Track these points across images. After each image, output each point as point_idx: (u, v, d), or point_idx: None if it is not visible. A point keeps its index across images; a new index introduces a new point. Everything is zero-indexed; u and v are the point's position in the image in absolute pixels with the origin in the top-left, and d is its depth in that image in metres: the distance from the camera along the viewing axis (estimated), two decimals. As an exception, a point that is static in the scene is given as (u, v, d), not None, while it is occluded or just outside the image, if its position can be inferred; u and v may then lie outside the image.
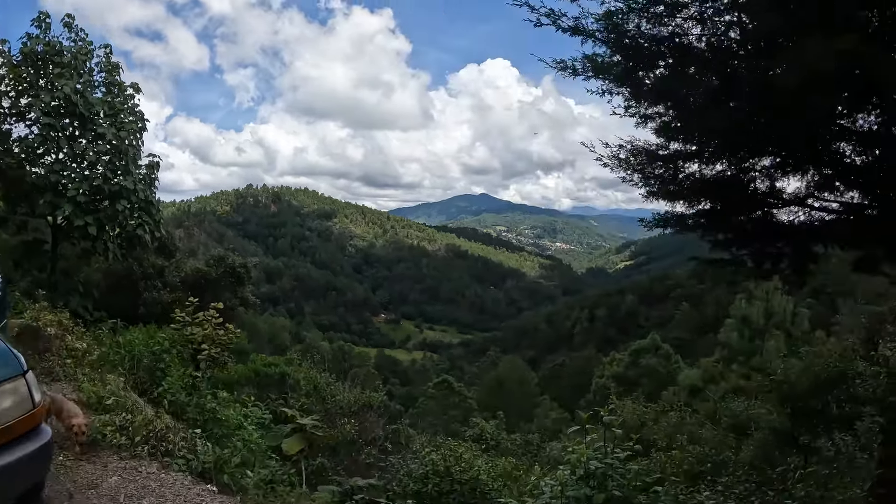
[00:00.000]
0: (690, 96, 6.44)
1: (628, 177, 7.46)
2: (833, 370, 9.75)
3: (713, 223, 7.67)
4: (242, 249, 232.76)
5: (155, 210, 20.87)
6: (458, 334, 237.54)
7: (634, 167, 7.31)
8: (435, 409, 49.00)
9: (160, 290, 19.66)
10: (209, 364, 8.74)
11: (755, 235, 7.57)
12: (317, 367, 14.38)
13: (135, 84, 21.49)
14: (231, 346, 9.75)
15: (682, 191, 7.25)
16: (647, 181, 7.39)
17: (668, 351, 47.31)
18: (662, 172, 7.22)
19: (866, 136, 6.12)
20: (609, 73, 6.61)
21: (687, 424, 12.40)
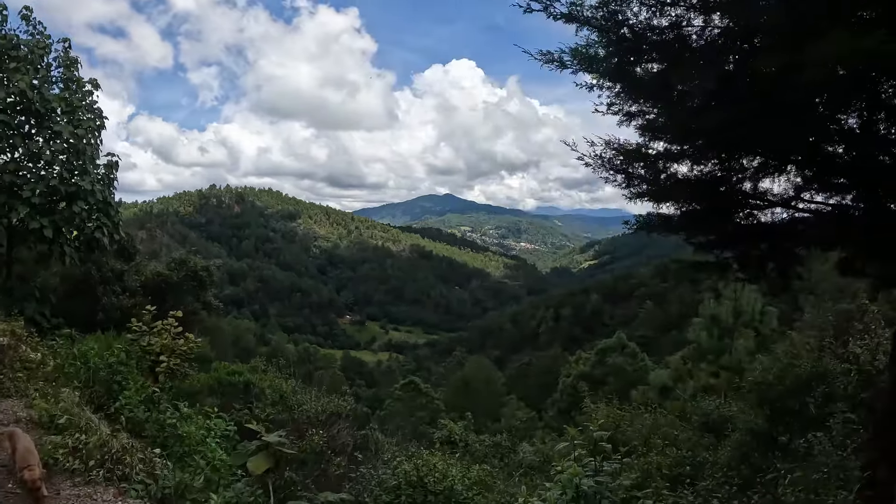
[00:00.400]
0: (686, 92, 6.18)
1: (611, 177, 7.22)
2: (811, 370, 9.66)
3: (698, 225, 7.47)
4: (206, 251, 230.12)
5: (114, 212, 20.13)
6: (423, 335, 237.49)
7: (618, 167, 7.05)
8: (402, 410, 48.74)
9: (119, 295, 18.94)
10: (168, 376, 8.32)
11: (740, 237, 7.38)
12: (282, 373, 13.99)
13: (93, 80, 20.73)
14: (191, 357, 9.32)
15: (667, 191, 7.01)
16: (630, 182, 7.14)
17: (635, 349, 47.55)
18: (646, 173, 6.97)
19: (855, 135, 5.94)
20: (600, 66, 6.33)
21: (662, 426, 12.25)
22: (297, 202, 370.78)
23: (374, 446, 12.74)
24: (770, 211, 7.12)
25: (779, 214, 7.08)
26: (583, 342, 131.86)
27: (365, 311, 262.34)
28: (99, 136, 20.58)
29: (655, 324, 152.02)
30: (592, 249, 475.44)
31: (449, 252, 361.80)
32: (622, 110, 6.78)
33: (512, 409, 60.46)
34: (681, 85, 6.19)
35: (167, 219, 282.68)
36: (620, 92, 6.60)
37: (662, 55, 6.13)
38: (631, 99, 6.63)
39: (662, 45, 6.05)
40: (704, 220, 7.43)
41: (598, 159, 7.08)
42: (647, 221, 7.77)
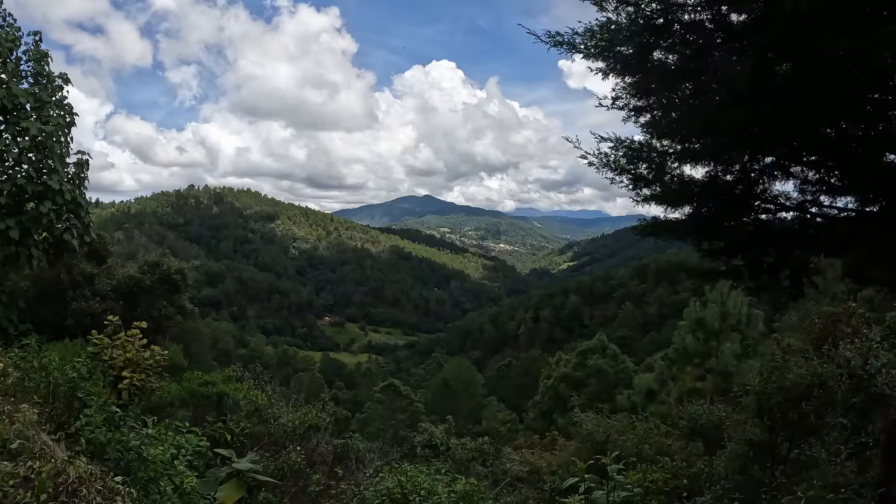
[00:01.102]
0: (717, 80, 5.71)
1: (616, 178, 6.77)
2: (813, 378, 9.33)
3: (709, 230, 7.05)
4: (184, 252, 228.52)
5: (84, 212, 19.39)
6: (403, 336, 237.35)
7: (624, 168, 6.61)
8: (382, 413, 48.43)
9: (89, 300, 18.21)
10: (133, 393, 7.75)
11: (753, 243, 6.97)
12: (258, 381, 13.42)
13: (63, 74, 19.95)
14: (158, 370, 8.70)
15: (677, 193, 6.59)
16: (637, 183, 6.70)
17: (616, 351, 47.41)
18: (653, 174, 6.52)
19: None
20: (617, 51, 5.85)
21: (655, 435, 11.88)
22: (276, 203, 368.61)
23: (354, 456, 12.25)
24: (783, 215, 6.73)
25: (791, 218, 6.71)
26: (562, 343, 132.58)
27: (344, 313, 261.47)
28: (69, 134, 19.86)
29: (634, 324, 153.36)
30: (571, 251, 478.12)
31: (428, 253, 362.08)
32: (629, 105, 6.34)
33: (492, 410, 60.31)
34: (711, 73, 5.72)
35: (145, 219, 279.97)
36: (635, 82, 6.13)
37: (693, 38, 5.66)
38: (646, 91, 6.16)
39: (694, 26, 5.57)
40: (715, 224, 7.02)
41: (604, 157, 6.63)
42: (654, 226, 7.34)
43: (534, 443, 30.56)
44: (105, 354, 8.17)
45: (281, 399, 13.14)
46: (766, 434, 9.55)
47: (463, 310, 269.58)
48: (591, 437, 11.47)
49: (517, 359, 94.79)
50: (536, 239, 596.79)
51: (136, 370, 8.09)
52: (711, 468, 10.13)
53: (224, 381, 10.75)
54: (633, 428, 12.32)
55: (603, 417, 13.51)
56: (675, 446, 11.59)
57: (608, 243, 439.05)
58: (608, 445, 11.04)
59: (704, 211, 6.78)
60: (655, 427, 12.43)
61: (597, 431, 11.54)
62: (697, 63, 5.68)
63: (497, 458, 18.93)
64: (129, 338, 8.49)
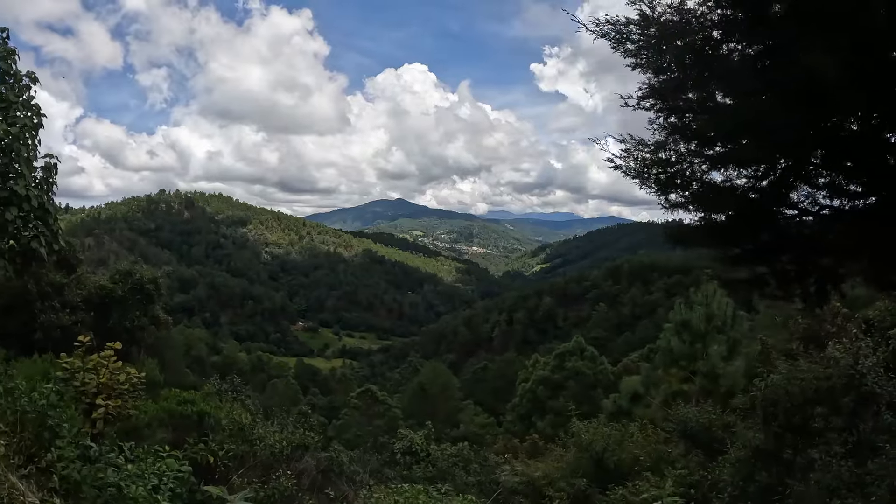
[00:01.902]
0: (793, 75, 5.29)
1: (645, 184, 6.41)
2: (821, 383, 9.10)
3: (737, 235, 6.71)
4: (155, 258, 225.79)
5: (52, 219, 18.63)
6: (377, 340, 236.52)
7: (650, 173, 6.24)
8: (359, 419, 47.91)
9: (59, 312, 17.38)
10: (108, 421, 7.15)
11: (782, 249, 6.65)
12: (237, 396, 12.86)
13: (31, 73, 19.14)
14: (134, 395, 8.04)
15: (706, 198, 6.24)
16: (665, 188, 6.34)
17: (594, 353, 47.24)
18: (682, 178, 6.16)
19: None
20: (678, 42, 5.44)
21: (654, 442, 11.59)
22: (248, 207, 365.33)
23: (338, 469, 11.77)
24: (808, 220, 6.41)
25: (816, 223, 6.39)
26: (536, 345, 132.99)
27: (318, 318, 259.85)
28: (37, 136, 19.06)
29: (608, 325, 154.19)
30: (544, 252, 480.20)
31: (401, 257, 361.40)
32: (656, 105, 5.95)
33: (469, 414, 60.03)
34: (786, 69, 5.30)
35: (116, 225, 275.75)
36: (679, 79, 5.73)
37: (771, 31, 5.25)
38: (693, 88, 5.78)
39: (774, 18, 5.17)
40: (745, 230, 6.68)
41: (630, 159, 6.27)
42: (678, 234, 6.99)
43: (515, 447, 30.30)
44: (76, 379, 7.50)
45: (263, 413, 12.56)
46: (773, 440, 9.34)
47: (437, 313, 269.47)
48: (590, 447, 11.11)
49: (493, 361, 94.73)
50: (509, 241, 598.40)
51: (110, 395, 7.45)
52: (715, 475, 9.90)
53: (204, 399, 10.18)
54: (632, 436, 12.03)
55: (601, 426, 13.18)
56: (674, 453, 11.30)
57: (581, 245, 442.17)
58: (606, 455, 10.75)
59: (734, 217, 6.45)
60: (654, 433, 12.13)
61: (596, 441, 11.19)
62: (771, 58, 5.30)
63: (484, 466, 18.56)
64: (103, 359, 7.82)
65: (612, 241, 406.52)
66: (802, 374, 9.36)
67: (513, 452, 26.62)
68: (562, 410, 43.17)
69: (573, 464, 11.65)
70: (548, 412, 42.99)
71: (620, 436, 11.76)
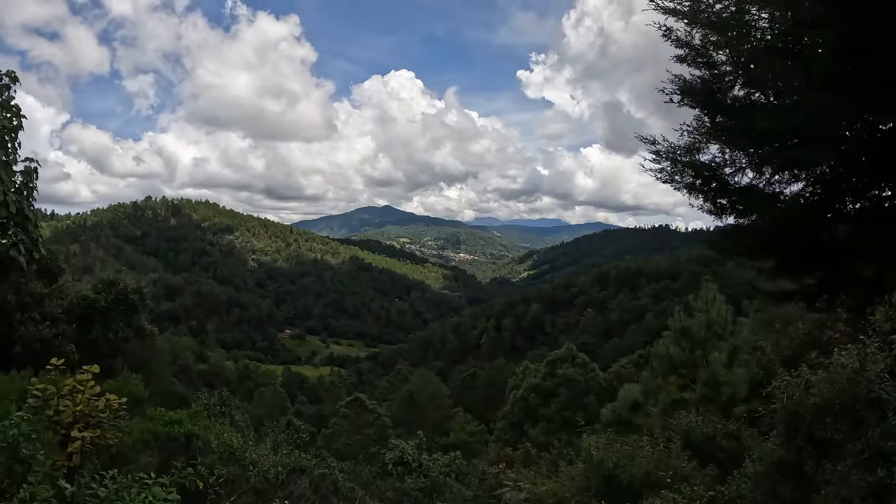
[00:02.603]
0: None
1: (695, 198, 6.11)
2: (845, 395, 8.74)
3: (782, 245, 6.39)
4: (141, 265, 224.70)
5: (32, 226, 17.91)
6: (364, 348, 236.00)
7: (700, 187, 5.95)
8: (348, 428, 47.42)
9: (39, 324, 16.59)
10: (86, 454, 6.48)
11: (829, 258, 6.33)
12: (225, 410, 12.27)
13: (11, 73, 18.44)
14: (114, 423, 7.32)
15: (758, 207, 5.92)
16: (716, 200, 6.02)
17: (585, 359, 46.91)
18: (725, 186, 5.85)
19: None
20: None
21: (667, 457, 11.16)
22: (235, 215, 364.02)
23: (337, 492, 11.26)
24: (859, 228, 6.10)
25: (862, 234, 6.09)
26: (525, 351, 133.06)
27: (305, 325, 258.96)
28: (17, 139, 18.33)
29: (596, 331, 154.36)
30: (531, 259, 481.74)
31: (388, 264, 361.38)
32: (699, 103, 5.66)
33: (459, 422, 59.52)
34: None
35: (101, 232, 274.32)
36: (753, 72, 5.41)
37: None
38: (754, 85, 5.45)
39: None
40: (789, 238, 6.36)
41: (671, 163, 5.96)
42: (724, 245, 6.74)
43: (509, 456, 29.90)
44: (49, 407, 6.77)
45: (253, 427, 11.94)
46: (795, 453, 9.00)
47: (424, 320, 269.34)
48: (601, 464, 10.67)
49: (481, 368, 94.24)
50: (496, 248, 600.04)
51: (88, 424, 6.75)
52: (733, 490, 9.54)
53: (192, 419, 9.57)
54: (642, 449, 11.60)
55: (610, 440, 12.75)
56: (688, 468, 10.88)
57: (568, 251, 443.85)
58: (617, 470, 10.35)
59: (778, 224, 6.15)
60: (665, 447, 11.72)
61: (608, 458, 10.76)
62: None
63: (482, 479, 18.10)
64: (80, 384, 7.07)
65: (599, 246, 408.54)
66: (825, 384, 9.02)
67: (507, 462, 26.24)
68: (554, 418, 43.27)
69: (582, 481, 11.20)
70: (540, 420, 42.69)
71: (632, 450, 11.33)
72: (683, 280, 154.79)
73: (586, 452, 11.55)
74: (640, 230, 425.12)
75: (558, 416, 42.50)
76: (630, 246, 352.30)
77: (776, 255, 6.65)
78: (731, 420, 14.46)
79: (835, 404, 8.70)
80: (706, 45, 5.65)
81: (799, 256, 6.60)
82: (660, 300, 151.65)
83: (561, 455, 22.38)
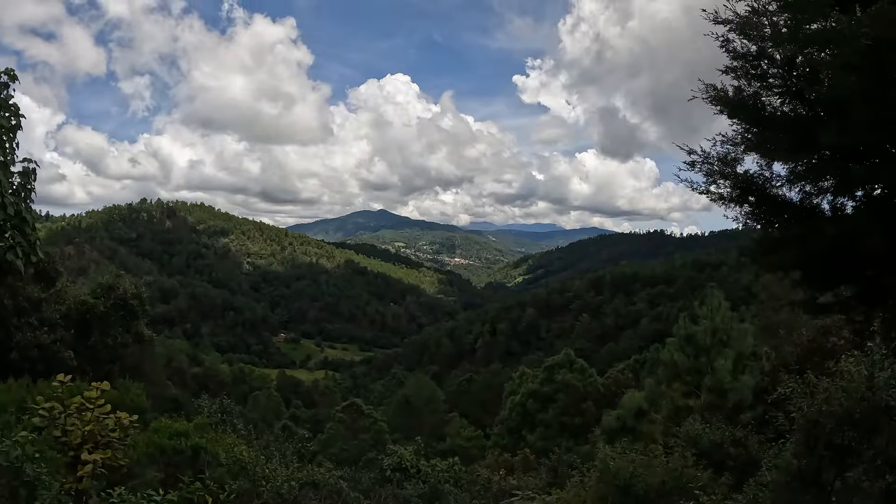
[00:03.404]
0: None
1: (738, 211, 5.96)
2: (864, 403, 8.58)
3: (823, 258, 6.21)
4: (136, 267, 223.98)
5: (30, 228, 17.65)
6: (359, 352, 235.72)
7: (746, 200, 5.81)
8: (344, 433, 47.14)
9: (37, 330, 16.20)
10: (98, 477, 6.06)
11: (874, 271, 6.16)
12: (230, 423, 11.92)
13: (10, 71, 18.24)
14: (125, 441, 6.84)
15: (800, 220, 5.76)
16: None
17: (583, 365, 46.79)
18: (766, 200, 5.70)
19: None
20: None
21: (683, 467, 10.96)
22: (230, 217, 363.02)
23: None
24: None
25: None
26: (520, 356, 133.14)
27: (299, 329, 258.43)
28: (14, 139, 18.09)
29: (592, 336, 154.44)
30: (526, 263, 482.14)
31: (383, 268, 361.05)
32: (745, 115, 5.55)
33: (456, 427, 59.29)
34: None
35: (96, 233, 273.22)
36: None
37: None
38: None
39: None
40: (828, 250, 6.19)
41: (712, 181, 5.83)
42: (767, 261, 6.57)
43: (507, 461, 29.72)
44: (56, 427, 6.31)
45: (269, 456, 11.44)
46: (816, 462, 8.85)
47: (419, 324, 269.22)
48: (617, 475, 10.47)
49: (477, 373, 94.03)
50: (491, 252, 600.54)
51: (97, 445, 6.30)
52: (750, 499, 9.37)
53: (198, 431, 9.23)
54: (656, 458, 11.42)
55: (626, 450, 12.54)
56: (704, 477, 10.70)
57: (562, 256, 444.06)
58: (634, 480, 10.16)
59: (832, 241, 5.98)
60: (681, 456, 11.53)
61: (624, 468, 10.56)
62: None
63: (486, 488, 17.88)
64: (88, 402, 6.59)
65: (594, 251, 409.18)
66: (841, 393, 8.86)
67: (506, 468, 26.02)
68: (552, 423, 43.11)
69: (597, 491, 11.00)
70: (538, 425, 42.55)
71: (648, 460, 11.13)
72: (678, 285, 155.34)
73: (601, 462, 11.34)
74: (635, 235, 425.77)
75: (556, 421, 42.40)
76: (625, 251, 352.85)
77: (818, 268, 6.46)
78: (737, 427, 14.33)
79: (854, 412, 8.56)
80: (762, 57, 5.50)
81: (841, 270, 6.41)
82: (655, 305, 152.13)
83: (561, 462, 22.24)
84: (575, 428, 40.40)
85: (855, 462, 8.79)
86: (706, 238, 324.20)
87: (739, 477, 10.95)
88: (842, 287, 6.79)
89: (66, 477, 5.82)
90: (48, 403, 6.33)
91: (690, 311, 20.97)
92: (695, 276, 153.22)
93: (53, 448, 5.89)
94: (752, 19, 5.56)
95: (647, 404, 21.50)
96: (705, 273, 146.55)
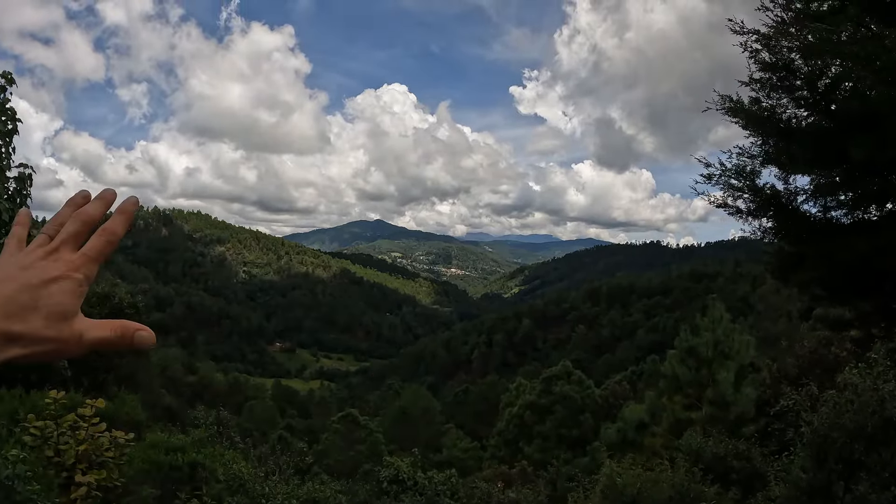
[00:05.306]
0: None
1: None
2: (876, 417, 8.43)
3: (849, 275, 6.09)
4: (132, 275, 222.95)
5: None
6: (354, 362, 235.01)
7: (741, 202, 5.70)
8: (340, 444, 46.73)
9: None
10: (91, 497, 5.78)
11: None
12: (228, 441, 11.64)
13: (7, 73, 18.09)
14: (121, 461, 6.55)
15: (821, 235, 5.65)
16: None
17: (581, 376, 46.59)
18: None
19: None
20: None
21: (690, 482, 10.76)
22: (226, 226, 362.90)
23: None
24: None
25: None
26: (516, 367, 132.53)
27: (295, 339, 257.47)
28: (11, 143, 17.90)
29: (588, 347, 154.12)
30: (522, 274, 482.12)
31: (380, 278, 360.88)
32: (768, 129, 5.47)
33: (452, 438, 58.95)
34: None
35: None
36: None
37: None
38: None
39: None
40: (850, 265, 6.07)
41: (730, 195, 5.72)
42: (790, 274, 6.43)
43: (505, 473, 29.51)
44: (49, 447, 6.02)
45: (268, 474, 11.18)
46: (826, 475, 8.69)
47: (415, 335, 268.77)
48: (624, 491, 10.28)
49: (473, 384, 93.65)
50: (487, 263, 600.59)
51: (91, 465, 6.01)
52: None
53: (195, 446, 8.95)
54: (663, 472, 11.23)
55: (632, 465, 12.35)
56: (711, 493, 10.50)
57: (559, 267, 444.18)
58: (641, 496, 9.96)
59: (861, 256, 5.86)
60: (688, 471, 11.34)
61: (631, 484, 10.37)
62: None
63: (487, 502, 17.65)
64: (82, 420, 6.29)
65: (590, 262, 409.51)
66: (853, 406, 8.70)
67: (504, 480, 25.80)
68: (550, 435, 42.92)
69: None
70: (535, 437, 42.33)
71: (655, 475, 10.92)
72: (675, 296, 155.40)
73: (607, 478, 11.14)
74: (631, 246, 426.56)
75: (554, 433, 42.21)
76: (621, 262, 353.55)
77: (843, 283, 6.34)
78: (740, 440, 14.16)
79: (866, 426, 8.42)
80: (788, 69, 5.39)
81: (866, 285, 6.29)
82: (651, 316, 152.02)
83: (560, 474, 22.02)
84: (573, 440, 40.18)
85: (863, 475, 8.67)
86: (702, 249, 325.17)
87: (745, 491, 10.77)
88: (860, 301, 6.66)
89: (59, 497, 5.56)
90: (40, 422, 6.03)
91: (691, 323, 20.77)
92: (691, 286, 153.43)
93: (47, 468, 5.62)
94: (781, 30, 5.44)
95: (649, 417, 21.30)
96: (702, 284, 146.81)
